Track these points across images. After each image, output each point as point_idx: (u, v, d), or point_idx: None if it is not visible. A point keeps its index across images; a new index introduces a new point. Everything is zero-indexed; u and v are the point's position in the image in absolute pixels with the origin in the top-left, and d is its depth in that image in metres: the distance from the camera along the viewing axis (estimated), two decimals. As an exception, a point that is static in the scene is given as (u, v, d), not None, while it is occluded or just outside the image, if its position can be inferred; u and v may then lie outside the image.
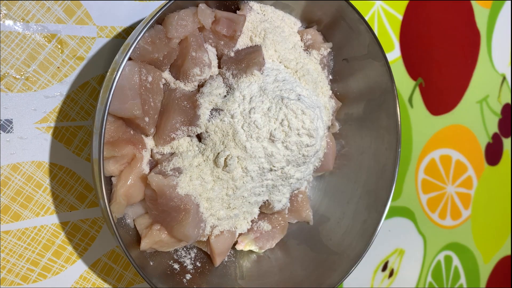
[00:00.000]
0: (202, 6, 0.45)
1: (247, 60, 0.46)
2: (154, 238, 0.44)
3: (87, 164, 0.47)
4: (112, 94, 0.37)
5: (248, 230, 0.52)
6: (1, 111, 0.42)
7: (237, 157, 0.45)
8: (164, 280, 0.44)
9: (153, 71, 0.43)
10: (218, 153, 0.45)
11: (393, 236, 0.75)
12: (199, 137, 0.46)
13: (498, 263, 0.94)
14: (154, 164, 0.45)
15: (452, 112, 0.81)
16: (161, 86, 0.44)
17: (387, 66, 0.50)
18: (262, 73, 0.46)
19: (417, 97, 0.75)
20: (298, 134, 0.45)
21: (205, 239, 0.48)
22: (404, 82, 0.73)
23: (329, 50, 0.53)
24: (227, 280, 0.50)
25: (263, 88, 0.45)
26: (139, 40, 0.39)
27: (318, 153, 0.53)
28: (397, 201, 0.75)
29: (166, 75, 0.46)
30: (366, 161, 0.55)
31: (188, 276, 0.47)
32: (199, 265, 0.49)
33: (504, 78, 0.88)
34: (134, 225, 0.45)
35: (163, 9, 0.40)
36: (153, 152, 0.45)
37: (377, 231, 0.51)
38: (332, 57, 0.54)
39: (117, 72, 0.38)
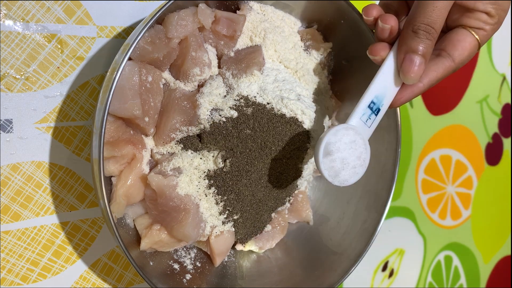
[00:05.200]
0: (202, 6, 0.44)
1: (247, 60, 0.46)
2: (154, 238, 0.44)
3: (87, 164, 0.47)
4: (112, 94, 0.37)
5: (248, 230, 0.52)
6: (1, 111, 0.42)
7: (237, 157, 0.44)
8: (164, 280, 0.44)
9: (153, 71, 0.43)
10: (218, 153, 0.44)
11: (393, 236, 0.75)
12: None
13: (498, 263, 0.94)
14: (154, 164, 0.45)
15: (452, 112, 0.80)
16: (161, 86, 0.44)
17: (387, 66, 0.50)
18: (262, 73, 0.46)
19: (417, 97, 0.75)
20: (298, 134, 0.45)
21: (205, 239, 0.48)
22: (404, 82, 0.73)
23: (329, 50, 0.53)
24: (227, 280, 0.50)
25: (263, 88, 0.45)
26: (139, 40, 0.39)
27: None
28: (397, 201, 0.75)
29: (166, 75, 0.46)
30: (366, 161, 0.55)
31: (188, 276, 0.47)
32: (199, 265, 0.49)
33: (504, 78, 0.88)
34: (134, 225, 0.45)
35: (163, 9, 0.40)
36: (153, 152, 0.45)
37: (377, 231, 0.51)
38: (332, 57, 0.54)
39: (117, 72, 0.38)
